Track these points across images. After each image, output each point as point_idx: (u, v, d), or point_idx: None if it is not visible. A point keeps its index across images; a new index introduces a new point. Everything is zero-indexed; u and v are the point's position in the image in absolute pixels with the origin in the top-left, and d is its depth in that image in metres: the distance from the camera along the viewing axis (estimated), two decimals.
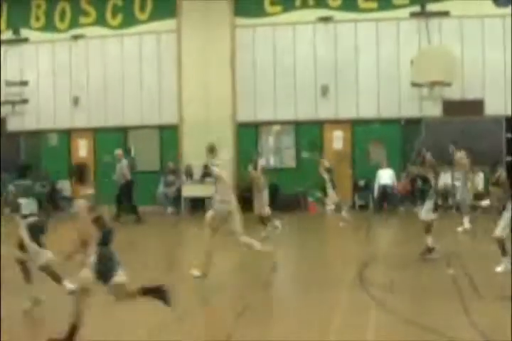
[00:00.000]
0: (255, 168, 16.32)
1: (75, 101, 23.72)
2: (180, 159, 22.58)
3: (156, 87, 23.05)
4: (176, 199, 22.29)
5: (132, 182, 20.14)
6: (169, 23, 22.83)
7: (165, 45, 22.98)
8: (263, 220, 16.16)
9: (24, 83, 24.13)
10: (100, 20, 23.58)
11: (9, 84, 23.99)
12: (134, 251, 14.43)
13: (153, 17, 23.09)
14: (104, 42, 23.59)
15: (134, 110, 23.23)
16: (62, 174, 23.76)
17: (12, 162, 23.86)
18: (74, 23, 23.83)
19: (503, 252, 10.72)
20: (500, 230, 10.64)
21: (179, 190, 22.20)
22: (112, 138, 23.35)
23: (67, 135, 24.21)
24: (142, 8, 23.16)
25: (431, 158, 12.69)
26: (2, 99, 23.68)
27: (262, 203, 16.16)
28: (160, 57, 23.06)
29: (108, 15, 23.48)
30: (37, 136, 24.45)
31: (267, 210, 16.22)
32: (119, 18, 23.41)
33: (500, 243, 10.65)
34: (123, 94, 23.32)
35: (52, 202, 23.63)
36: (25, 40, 24.31)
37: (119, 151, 20.69)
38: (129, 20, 23.32)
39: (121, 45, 23.42)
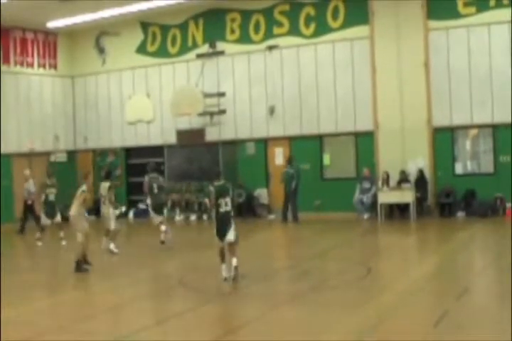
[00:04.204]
0: None
1: (271, 110, 25.94)
2: (376, 165, 24.14)
3: (350, 93, 24.77)
4: (372, 206, 23.89)
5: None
6: (362, 30, 24.47)
7: (358, 52, 24.64)
8: None
9: (221, 94, 26.67)
10: (294, 30, 25.65)
11: (207, 95, 26.59)
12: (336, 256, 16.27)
13: (346, 24, 24.79)
14: (297, 52, 25.64)
15: (329, 117, 25.09)
16: (259, 182, 26.12)
17: (211, 170, 26.41)
18: (268, 34, 26.09)
19: None
20: None
21: (375, 197, 23.77)
22: (308, 145, 25.44)
23: (264, 143, 26.47)
24: (334, 17, 24.94)
25: None
26: (202, 110, 26.29)
27: None
28: (353, 64, 24.75)
29: (301, 24, 25.50)
30: (234, 144, 26.95)
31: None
32: (312, 27, 25.34)
33: None
34: (318, 102, 25.26)
35: (249, 210, 26.03)
36: (222, 52, 26.92)
37: (27, 171, 24.18)
38: (322, 29, 25.17)
39: (314, 54, 25.35)
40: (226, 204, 13.45)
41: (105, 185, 18.13)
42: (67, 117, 30.24)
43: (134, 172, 28.47)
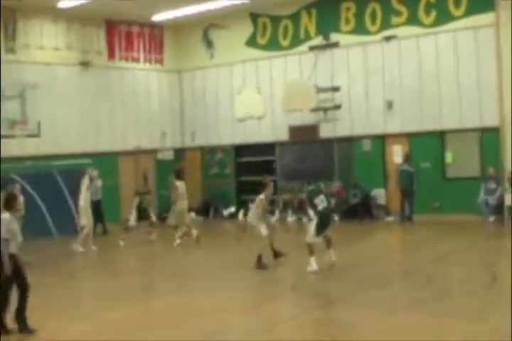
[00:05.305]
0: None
1: (389, 105, 24.86)
2: (502, 164, 22.79)
3: (474, 86, 23.40)
4: (498, 208, 22.59)
5: (100, 201, 24.10)
6: (487, 18, 23.04)
7: (483, 41, 23.26)
8: None
9: (336, 89, 25.74)
10: (413, 19, 24.46)
11: (321, 90, 25.73)
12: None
13: (470, 12, 23.40)
14: (417, 42, 24.48)
15: (451, 112, 23.78)
16: (376, 181, 25.13)
17: (326, 169, 25.74)
18: (385, 24, 24.99)
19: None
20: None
21: (501, 198, 22.47)
22: (428, 142, 24.26)
23: (381, 140, 25.42)
24: (457, 4, 23.65)
25: None
26: (315, 105, 25.47)
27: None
28: (478, 54, 23.39)
29: (421, 13, 24.32)
30: (349, 141, 26.03)
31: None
32: (433, 16, 24.11)
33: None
34: (439, 95, 23.99)
35: (366, 211, 25.11)
36: (336, 44, 26.01)
37: (93, 172, 22.93)
38: (444, 17, 23.88)
39: (435, 44, 24.15)
40: (322, 201, 15.13)
41: (182, 184, 21.09)
42: (174, 113, 29.99)
43: (244, 171, 28.21)
